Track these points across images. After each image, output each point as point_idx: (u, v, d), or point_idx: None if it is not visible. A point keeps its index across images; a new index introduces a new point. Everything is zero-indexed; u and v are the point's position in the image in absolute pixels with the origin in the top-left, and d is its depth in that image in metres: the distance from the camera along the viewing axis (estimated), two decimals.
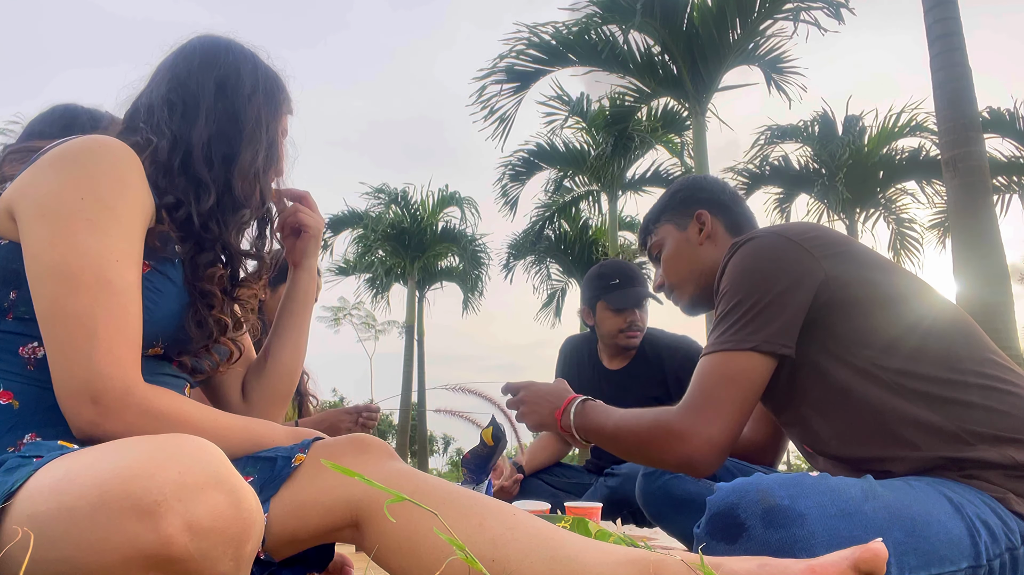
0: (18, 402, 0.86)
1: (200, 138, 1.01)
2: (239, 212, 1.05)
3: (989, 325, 5.39)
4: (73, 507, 0.62)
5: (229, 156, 1.03)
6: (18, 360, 0.87)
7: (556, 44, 9.66)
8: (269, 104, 1.09)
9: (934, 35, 6.08)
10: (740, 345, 1.07)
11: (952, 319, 1.11)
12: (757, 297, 1.08)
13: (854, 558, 0.70)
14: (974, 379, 1.02)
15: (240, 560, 0.65)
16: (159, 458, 0.62)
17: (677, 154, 12.93)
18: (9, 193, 0.89)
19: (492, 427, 1.63)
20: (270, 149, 1.08)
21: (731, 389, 1.06)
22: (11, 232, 0.89)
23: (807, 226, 1.18)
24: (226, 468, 0.65)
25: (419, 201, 16.78)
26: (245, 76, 1.07)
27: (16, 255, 0.88)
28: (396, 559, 0.87)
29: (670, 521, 1.62)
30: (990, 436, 0.98)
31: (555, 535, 0.83)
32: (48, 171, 0.88)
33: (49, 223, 0.84)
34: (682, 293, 1.43)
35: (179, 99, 1.03)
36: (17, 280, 0.88)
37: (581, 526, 1.11)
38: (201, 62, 1.06)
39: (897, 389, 1.03)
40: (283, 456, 0.93)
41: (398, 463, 0.94)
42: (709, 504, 0.89)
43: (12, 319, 0.88)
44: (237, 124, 1.04)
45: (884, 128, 12.37)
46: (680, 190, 1.47)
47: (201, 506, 0.61)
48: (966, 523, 0.89)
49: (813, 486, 0.87)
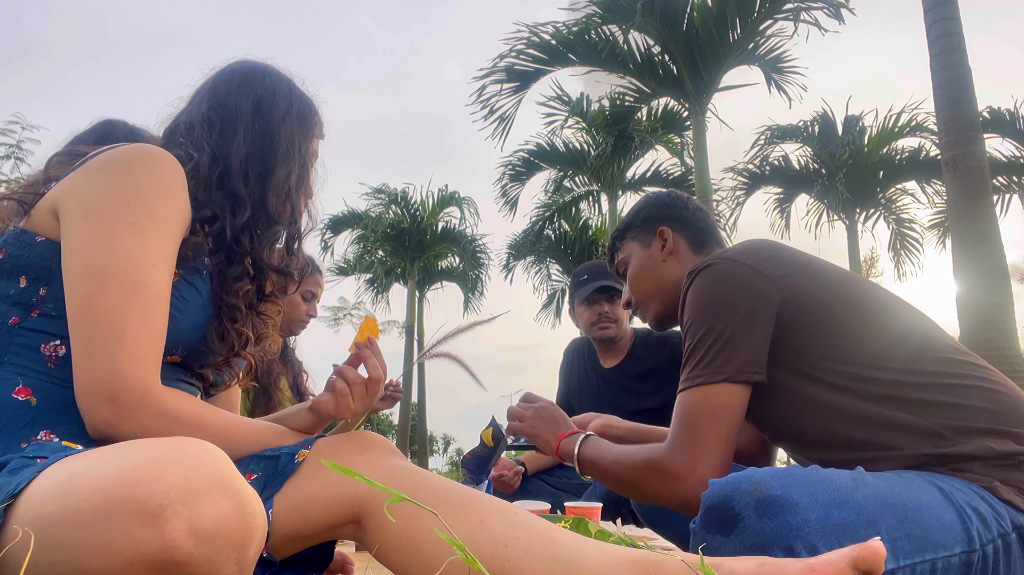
0: (36, 399, 0.86)
1: (237, 155, 1.05)
2: (272, 228, 1.09)
3: (989, 325, 5.40)
4: (77, 510, 0.62)
5: (263, 173, 1.07)
6: (39, 357, 0.88)
7: (556, 44, 9.65)
8: (302, 126, 1.14)
9: (934, 35, 6.08)
10: (712, 378, 1.09)
11: (912, 321, 1.13)
12: (721, 327, 1.10)
13: (852, 556, 0.71)
14: (941, 379, 1.04)
15: (243, 564, 0.65)
16: (164, 462, 0.62)
17: (677, 154, 12.93)
18: (55, 192, 0.92)
19: (492, 428, 1.63)
20: (302, 169, 1.12)
21: (713, 424, 1.08)
22: (50, 230, 0.91)
23: (760, 246, 1.19)
24: (230, 472, 0.65)
25: (419, 201, 16.78)
26: (280, 98, 1.12)
27: (50, 253, 0.90)
28: (397, 556, 0.88)
29: (665, 524, 1.63)
30: (966, 430, 1.00)
31: (556, 534, 0.83)
32: (95, 174, 0.91)
33: (92, 223, 0.87)
34: (647, 309, 1.46)
35: (218, 117, 1.07)
36: (48, 277, 0.90)
37: (581, 526, 1.11)
38: (239, 83, 1.11)
39: (868, 396, 1.05)
40: (286, 453, 0.94)
41: (400, 460, 0.95)
42: (703, 498, 0.91)
43: (38, 316, 0.89)
44: (272, 143, 1.09)
45: (884, 128, 12.37)
46: (643, 208, 1.50)
47: (206, 511, 0.61)
48: (956, 510, 0.91)
49: (805, 476, 0.89)
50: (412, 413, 18.19)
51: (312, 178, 1.18)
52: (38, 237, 0.91)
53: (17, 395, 0.86)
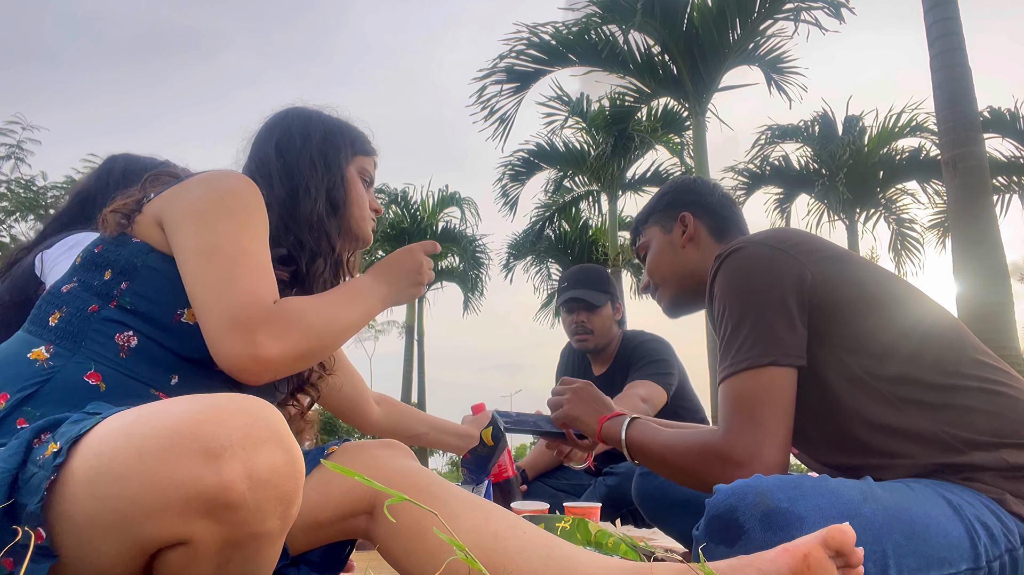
0: (105, 385, 0.89)
1: (277, 200, 1.09)
2: (315, 261, 1.11)
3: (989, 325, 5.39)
4: (142, 445, 0.64)
5: (295, 212, 1.10)
6: (113, 346, 0.92)
7: (556, 44, 9.65)
8: (327, 148, 1.15)
9: (934, 35, 6.08)
10: (759, 361, 1.04)
11: (945, 322, 1.10)
12: (758, 311, 1.07)
13: (824, 536, 0.74)
14: (970, 383, 1.02)
15: (286, 519, 0.68)
16: (229, 408, 0.66)
17: (677, 154, 12.92)
18: (157, 204, 0.99)
19: (492, 427, 1.63)
20: (331, 192, 1.14)
21: (769, 407, 1.03)
22: (148, 235, 0.98)
23: (788, 233, 1.17)
24: (285, 428, 0.69)
25: (419, 201, 16.78)
26: (295, 131, 1.16)
27: (141, 253, 0.97)
28: (404, 545, 0.93)
29: (667, 521, 1.62)
30: (983, 441, 0.98)
31: (552, 537, 0.89)
32: (192, 186, 0.99)
33: (194, 218, 0.95)
34: (664, 294, 1.44)
35: (256, 171, 1.14)
36: (132, 273, 0.95)
37: (581, 526, 1.12)
38: (267, 132, 1.17)
39: (890, 399, 1.02)
40: (317, 449, 1.03)
41: (416, 462, 1.03)
42: (708, 506, 0.89)
43: (115, 307, 0.94)
44: (293, 179, 1.12)
45: (884, 128, 12.37)
46: (667, 192, 1.47)
47: (262, 458, 0.64)
48: (965, 525, 0.89)
49: (812, 488, 0.87)
50: None
51: (354, 198, 1.18)
52: (134, 238, 0.98)
53: (88, 379, 0.89)
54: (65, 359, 0.90)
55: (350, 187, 1.17)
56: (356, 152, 1.20)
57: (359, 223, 1.19)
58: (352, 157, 1.19)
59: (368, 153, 1.23)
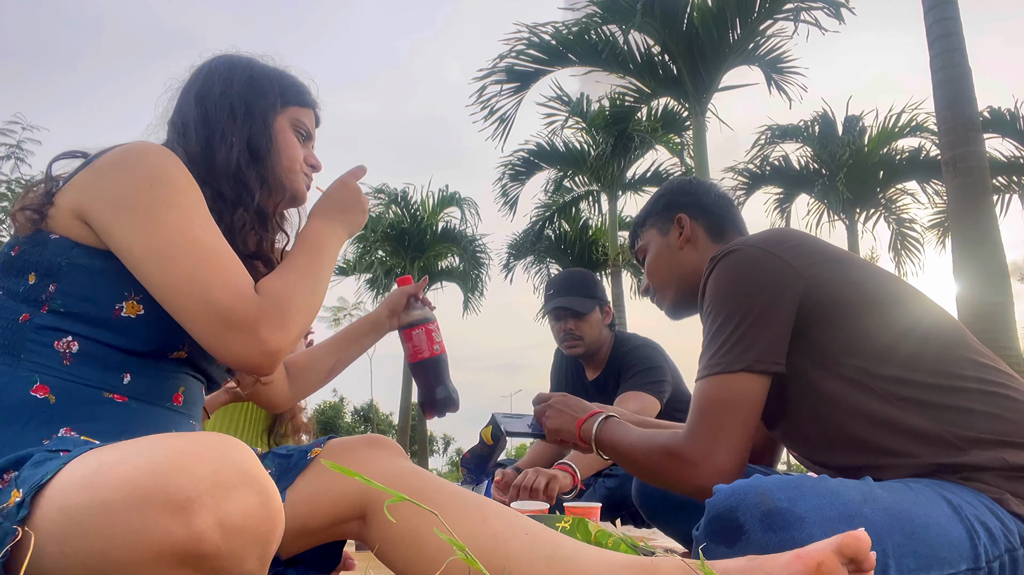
0: (54, 397, 0.86)
1: (192, 152, 1.03)
2: (235, 212, 1.04)
3: (989, 325, 5.39)
4: (106, 500, 0.62)
5: (211, 163, 1.04)
6: (55, 355, 0.88)
7: (556, 44, 9.65)
8: (249, 93, 1.08)
9: (934, 35, 6.08)
10: (732, 367, 1.06)
11: (945, 323, 1.10)
12: (741, 316, 1.07)
13: (838, 543, 0.73)
14: (969, 383, 1.01)
15: (264, 559, 0.66)
16: (193, 454, 0.62)
17: (677, 154, 12.92)
18: (72, 195, 0.92)
19: (491, 426, 1.63)
20: (252, 140, 1.06)
21: (731, 413, 1.05)
22: (67, 229, 0.91)
23: (785, 235, 1.16)
24: (256, 467, 0.65)
25: (419, 201, 16.78)
26: (216, 79, 1.08)
27: (62, 250, 0.90)
28: (400, 552, 0.90)
29: (667, 521, 1.62)
30: (984, 440, 0.98)
31: (555, 537, 0.86)
32: (110, 172, 0.91)
33: (128, 216, 0.88)
34: (664, 297, 1.44)
35: (179, 120, 1.07)
36: (57, 274, 0.89)
37: (581, 526, 1.12)
38: (190, 82, 1.10)
39: (889, 398, 1.02)
40: (300, 451, 0.99)
41: (407, 461, 0.99)
42: (708, 506, 0.89)
43: (47, 312, 0.89)
44: (209, 127, 1.05)
45: (884, 128, 12.38)
46: (663, 195, 1.47)
47: (233, 504, 0.61)
48: (965, 525, 0.89)
49: (812, 489, 0.87)
50: (412, 413, 18.18)
51: (281, 147, 1.10)
52: (52, 235, 0.91)
53: (35, 393, 0.85)
54: (8, 375, 0.85)
55: (277, 136, 1.09)
56: (289, 102, 1.12)
57: (287, 175, 1.10)
58: (283, 107, 1.11)
59: (305, 104, 1.14)
